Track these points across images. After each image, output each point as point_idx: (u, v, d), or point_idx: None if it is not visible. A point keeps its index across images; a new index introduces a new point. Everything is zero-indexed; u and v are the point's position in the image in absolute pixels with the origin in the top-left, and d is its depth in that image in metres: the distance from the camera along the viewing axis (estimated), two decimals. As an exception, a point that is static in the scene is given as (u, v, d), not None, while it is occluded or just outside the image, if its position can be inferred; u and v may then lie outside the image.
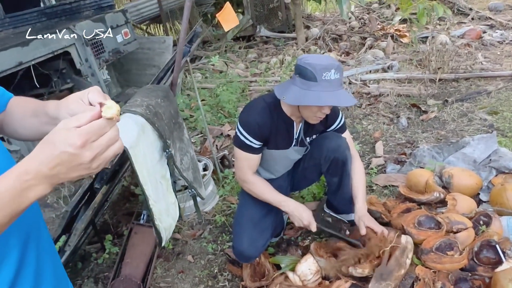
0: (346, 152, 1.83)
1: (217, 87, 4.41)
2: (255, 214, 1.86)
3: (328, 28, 6.11)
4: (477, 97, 3.47)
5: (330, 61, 1.56)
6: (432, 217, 1.89)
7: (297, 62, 1.61)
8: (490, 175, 2.25)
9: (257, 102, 1.77)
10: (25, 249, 0.75)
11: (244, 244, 1.79)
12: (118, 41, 3.71)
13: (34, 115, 0.83)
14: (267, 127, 1.71)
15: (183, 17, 1.87)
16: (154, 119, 1.62)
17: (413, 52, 4.83)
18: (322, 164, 1.86)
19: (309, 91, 1.53)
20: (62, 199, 2.87)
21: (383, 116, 3.45)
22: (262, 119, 1.69)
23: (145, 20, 7.31)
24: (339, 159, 1.81)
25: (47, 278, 0.81)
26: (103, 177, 1.39)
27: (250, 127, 1.69)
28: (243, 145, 1.73)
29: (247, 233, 1.80)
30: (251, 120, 1.69)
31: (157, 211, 1.55)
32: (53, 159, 0.60)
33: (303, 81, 1.55)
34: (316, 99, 1.52)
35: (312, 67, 1.52)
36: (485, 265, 1.64)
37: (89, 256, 2.32)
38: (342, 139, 1.85)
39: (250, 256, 1.83)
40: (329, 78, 1.51)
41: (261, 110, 1.71)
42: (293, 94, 1.56)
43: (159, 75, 2.16)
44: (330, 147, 1.81)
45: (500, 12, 6.29)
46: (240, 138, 1.72)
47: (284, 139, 1.81)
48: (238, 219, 1.91)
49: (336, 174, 1.88)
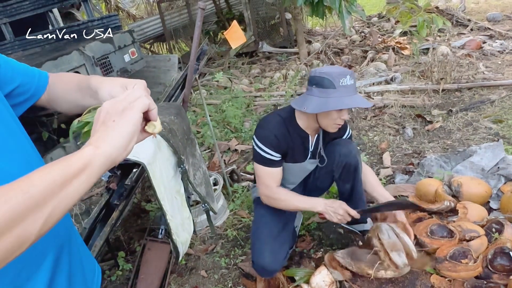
0: (358, 157, 1.86)
1: (222, 103, 4.47)
2: (274, 228, 1.86)
3: (330, 42, 6.21)
4: (481, 106, 3.50)
5: (342, 68, 1.65)
6: (444, 226, 1.90)
7: (311, 74, 1.67)
8: (499, 183, 2.26)
9: (272, 117, 1.81)
10: (59, 255, 0.78)
11: (266, 259, 1.78)
12: (126, 60, 3.79)
13: (78, 89, 0.85)
14: (284, 139, 1.75)
15: (194, 36, 1.93)
16: (168, 136, 1.66)
17: (414, 64, 4.90)
18: (335, 170, 1.89)
19: (329, 98, 1.58)
20: (74, 217, 2.89)
21: (388, 127, 3.49)
22: (279, 132, 1.73)
23: (149, 39, 7.48)
24: (351, 164, 1.84)
25: (77, 281, 0.84)
26: (121, 194, 1.42)
27: (268, 140, 1.72)
28: (263, 160, 1.75)
29: (268, 248, 1.80)
30: (268, 134, 1.72)
31: (174, 226, 1.58)
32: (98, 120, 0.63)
33: (321, 90, 1.61)
34: (337, 104, 1.57)
35: (329, 75, 1.59)
36: (500, 273, 1.65)
37: (102, 274, 2.33)
38: (353, 145, 1.89)
39: (273, 270, 1.83)
40: (346, 83, 1.59)
41: (277, 124, 1.75)
42: (314, 103, 1.61)
43: (170, 93, 2.21)
44: (342, 153, 1.84)
45: (499, 22, 6.39)
46: (260, 153, 1.74)
47: (300, 152, 1.85)
48: (256, 234, 1.90)
49: (348, 180, 1.90)
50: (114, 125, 0.61)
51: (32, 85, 0.84)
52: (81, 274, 0.85)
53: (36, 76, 0.86)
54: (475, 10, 7.49)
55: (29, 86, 0.84)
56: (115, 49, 3.65)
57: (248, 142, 3.69)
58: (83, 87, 0.84)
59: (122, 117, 0.62)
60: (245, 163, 3.31)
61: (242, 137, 3.78)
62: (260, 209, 1.95)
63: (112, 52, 3.63)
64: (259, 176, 1.80)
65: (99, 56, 3.43)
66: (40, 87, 0.86)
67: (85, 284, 0.86)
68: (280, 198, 1.79)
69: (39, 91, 0.86)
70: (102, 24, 4.05)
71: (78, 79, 0.87)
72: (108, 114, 0.62)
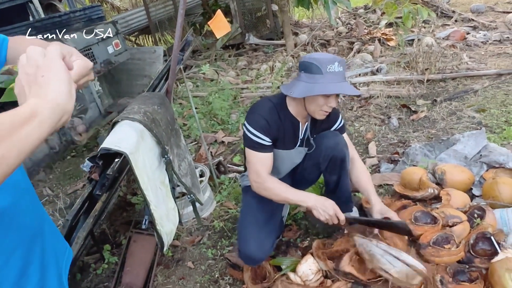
0: (345, 150, 1.85)
1: (209, 95, 4.44)
2: (260, 217, 1.86)
3: (316, 34, 6.20)
4: (464, 96, 3.55)
5: (332, 55, 1.64)
6: (428, 213, 1.93)
7: (301, 59, 1.67)
8: (481, 170, 2.30)
9: (264, 102, 1.80)
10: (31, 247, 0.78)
11: (252, 248, 1.77)
12: (109, 52, 3.72)
13: None
14: (275, 125, 1.74)
15: (177, 25, 1.89)
16: (152, 126, 1.63)
17: (400, 55, 4.93)
18: (321, 163, 1.89)
19: (316, 83, 1.58)
20: (58, 211, 2.85)
21: (374, 118, 3.51)
22: (270, 117, 1.72)
23: (134, 31, 7.35)
24: (337, 157, 1.84)
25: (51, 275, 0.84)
26: (104, 184, 1.40)
27: (259, 124, 1.71)
28: (254, 145, 1.73)
29: (254, 237, 1.80)
30: (259, 118, 1.71)
31: (158, 216, 1.56)
32: None
33: (309, 76, 1.61)
34: (322, 89, 1.57)
35: (317, 61, 1.59)
36: (482, 257, 1.68)
37: (88, 267, 2.30)
38: (340, 137, 1.88)
39: (258, 259, 1.83)
40: (334, 70, 1.58)
41: (269, 109, 1.74)
42: (300, 88, 1.62)
43: (154, 83, 2.18)
44: (329, 145, 1.84)
45: (482, 13, 6.47)
46: (251, 137, 1.72)
47: (290, 139, 1.84)
48: (243, 223, 1.89)
49: (334, 172, 1.90)
50: (45, 79, 0.59)
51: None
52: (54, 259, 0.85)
53: None
54: (459, 2, 7.56)
55: None
56: (98, 41, 3.58)
57: (235, 134, 3.67)
58: None
59: (47, 69, 0.59)
60: (232, 154, 3.30)
61: (229, 129, 3.76)
62: (248, 197, 1.94)
63: (95, 44, 3.56)
64: (249, 162, 1.78)
65: (82, 48, 3.36)
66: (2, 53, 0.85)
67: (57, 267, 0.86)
68: (270, 187, 1.74)
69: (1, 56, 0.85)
70: (84, 15, 3.97)
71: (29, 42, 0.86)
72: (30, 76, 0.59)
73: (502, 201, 1.96)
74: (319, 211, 1.69)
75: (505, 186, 1.99)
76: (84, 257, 2.35)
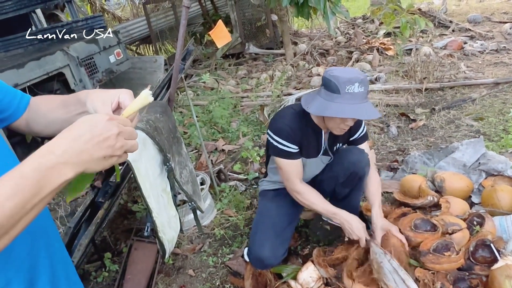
0: (366, 168, 1.85)
1: (209, 104, 4.47)
2: (279, 224, 1.86)
3: (315, 44, 6.27)
4: (462, 105, 3.59)
5: (355, 74, 1.56)
6: (427, 220, 1.94)
7: (324, 73, 1.63)
8: (480, 177, 2.32)
9: (286, 110, 1.81)
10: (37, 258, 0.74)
11: (266, 252, 1.78)
12: (111, 61, 3.76)
13: (63, 106, 0.85)
14: (300, 131, 1.74)
15: (179, 35, 1.93)
16: (154, 134, 1.65)
17: (398, 64, 4.98)
18: (340, 176, 1.87)
19: (332, 102, 1.55)
20: (59, 219, 2.85)
21: (373, 126, 3.54)
22: (293, 124, 1.73)
23: (135, 40, 7.42)
24: (357, 173, 1.83)
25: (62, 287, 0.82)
26: (106, 191, 1.41)
27: (283, 132, 1.72)
28: (282, 153, 1.74)
29: (270, 242, 1.80)
30: (283, 126, 1.72)
31: (160, 224, 1.57)
32: (79, 134, 0.60)
33: (327, 93, 1.59)
34: (337, 111, 1.54)
35: (336, 80, 1.54)
36: (481, 264, 1.69)
37: (89, 275, 2.30)
38: (364, 155, 1.86)
39: (269, 264, 1.83)
40: (353, 91, 1.53)
41: (291, 117, 1.75)
42: (317, 105, 1.60)
43: (156, 92, 2.21)
44: (352, 160, 1.83)
45: (479, 23, 6.54)
46: (277, 146, 1.73)
47: (313, 147, 1.85)
48: (259, 226, 1.88)
49: (349, 186, 1.91)
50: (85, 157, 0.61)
51: (12, 105, 0.84)
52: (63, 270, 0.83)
53: (18, 97, 0.86)
54: (456, 12, 7.66)
55: (9, 105, 0.83)
56: (100, 50, 3.62)
57: (235, 142, 3.69)
58: (70, 103, 0.84)
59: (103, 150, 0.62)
60: (232, 162, 3.32)
61: (229, 137, 3.79)
62: (266, 202, 1.95)
63: (97, 53, 3.59)
64: (281, 170, 1.80)
65: (84, 57, 3.39)
66: (20, 108, 0.86)
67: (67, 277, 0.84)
68: (306, 195, 1.79)
69: (18, 111, 0.86)
70: (86, 25, 4.01)
71: (62, 98, 0.88)
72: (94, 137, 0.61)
73: (501, 209, 1.98)
74: (346, 230, 1.77)
75: (504, 193, 2.01)
76: (85, 265, 2.35)
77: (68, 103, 0.85)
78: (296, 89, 4.69)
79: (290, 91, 4.57)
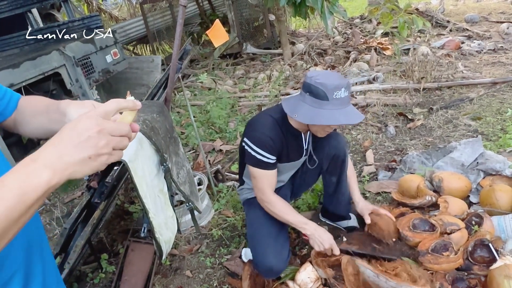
0: (345, 149, 1.90)
1: (207, 104, 4.45)
2: (273, 228, 1.84)
3: (313, 43, 6.26)
4: (460, 104, 3.58)
5: (339, 79, 1.59)
6: (426, 220, 1.93)
7: (306, 80, 1.61)
8: (478, 177, 2.31)
9: (264, 118, 1.78)
10: (30, 262, 0.74)
11: (271, 259, 1.75)
12: (108, 61, 3.74)
13: (45, 112, 0.84)
14: (279, 141, 1.73)
15: (175, 35, 1.91)
16: (151, 134, 1.64)
17: (396, 64, 4.98)
18: (323, 162, 1.91)
19: (322, 109, 1.55)
20: (55, 220, 2.83)
21: (371, 126, 3.53)
22: (274, 135, 1.70)
23: (132, 40, 7.40)
24: (339, 156, 1.87)
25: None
26: (102, 192, 1.40)
27: (264, 143, 1.69)
28: (259, 163, 1.72)
29: (271, 249, 1.78)
30: (263, 137, 1.69)
31: (157, 224, 1.56)
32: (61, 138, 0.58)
33: (314, 100, 1.58)
34: (329, 118, 1.55)
35: (324, 87, 1.54)
36: (480, 264, 1.68)
37: (85, 277, 2.28)
38: (341, 137, 1.93)
39: (279, 269, 1.81)
40: (340, 96, 1.55)
41: (271, 126, 1.72)
42: (306, 113, 1.59)
43: (153, 92, 2.19)
44: (331, 144, 1.87)
45: (476, 23, 6.56)
46: (255, 156, 1.71)
47: (295, 151, 1.85)
48: (256, 237, 1.86)
49: (335, 172, 1.93)
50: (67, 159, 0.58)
51: (1, 104, 0.83)
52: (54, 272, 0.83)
53: (7, 97, 0.84)
54: (454, 12, 7.67)
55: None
56: (96, 50, 3.60)
57: (232, 142, 3.68)
58: (51, 111, 0.83)
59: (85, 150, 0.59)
60: (229, 163, 3.30)
61: (227, 137, 3.77)
62: (254, 210, 1.92)
63: (93, 53, 3.57)
64: (254, 178, 1.78)
65: (80, 57, 3.37)
66: (9, 108, 0.84)
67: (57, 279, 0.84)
68: (275, 205, 1.77)
69: (7, 111, 0.84)
70: (83, 25, 3.99)
71: (47, 102, 0.86)
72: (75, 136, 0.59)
73: (499, 208, 1.97)
74: (316, 241, 1.75)
75: (502, 193, 2.01)
76: (81, 266, 2.34)
77: (50, 109, 0.83)
78: (293, 89, 4.68)
79: (287, 91, 4.56)
